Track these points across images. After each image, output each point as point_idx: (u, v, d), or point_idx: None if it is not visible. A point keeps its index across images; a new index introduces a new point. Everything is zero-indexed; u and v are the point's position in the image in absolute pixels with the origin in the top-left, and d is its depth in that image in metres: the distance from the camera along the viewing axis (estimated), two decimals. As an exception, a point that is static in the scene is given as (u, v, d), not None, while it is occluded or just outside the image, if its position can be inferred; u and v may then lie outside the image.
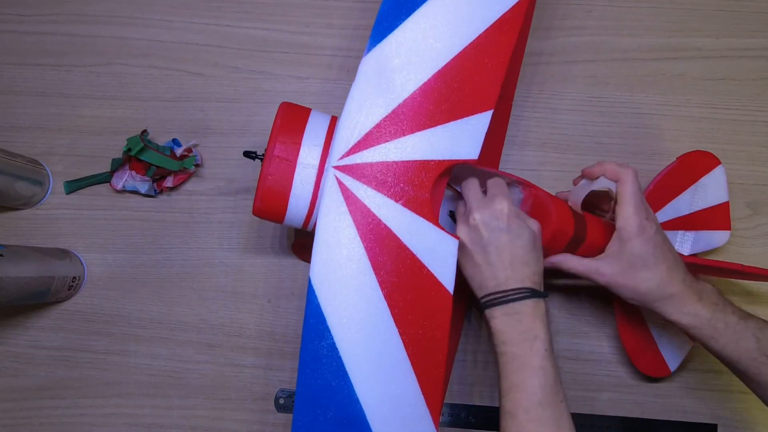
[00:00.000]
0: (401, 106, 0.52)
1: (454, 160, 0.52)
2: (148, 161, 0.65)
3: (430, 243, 0.51)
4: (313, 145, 0.52)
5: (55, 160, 0.69)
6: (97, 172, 0.69)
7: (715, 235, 0.63)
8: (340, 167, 0.51)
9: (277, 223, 0.55)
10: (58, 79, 0.71)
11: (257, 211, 0.54)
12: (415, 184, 0.51)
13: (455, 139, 0.52)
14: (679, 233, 0.62)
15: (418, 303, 0.51)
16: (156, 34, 0.71)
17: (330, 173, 0.51)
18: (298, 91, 0.70)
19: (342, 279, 0.50)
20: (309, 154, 0.52)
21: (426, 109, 0.52)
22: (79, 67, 0.71)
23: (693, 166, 0.63)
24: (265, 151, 0.52)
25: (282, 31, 0.71)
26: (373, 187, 0.51)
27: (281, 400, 0.65)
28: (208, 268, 0.68)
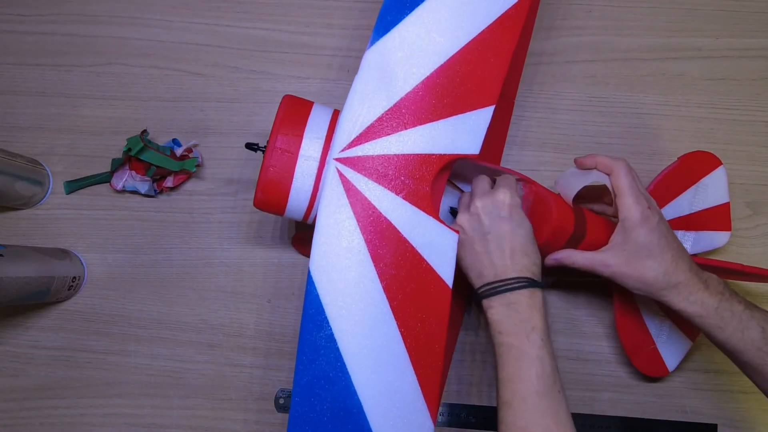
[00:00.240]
0: (403, 99, 0.52)
1: (456, 154, 0.52)
2: (148, 161, 0.65)
3: (430, 236, 0.51)
4: (315, 138, 0.52)
5: (55, 160, 0.69)
6: (97, 172, 0.69)
7: (715, 236, 0.63)
8: (341, 159, 0.51)
9: (277, 215, 0.55)
10: (58, 79, 0.71)
11: (258, 203, 0.54)
12: (416, 178, 0.52)
13: (457, 133, 0.53)
14: (680, 233, 0.62)
15: (416, 296, 0.51)
16: (156, 34, 0.71)
17: (331, 165, 0.51)
18: (298, 91, 0.69)
19: (341, 270, 0.50)
20: (311, 147, 0.52)
21: (428, 103, 0.52)
22: (79, 67, 0.71)
23: (694, 167, 0.63)
24: (267, 142, 0.52)
25: (282, 31, 0.71)
26: (374, 180, 0.51)
27: (281, 400, 0.65)
28: (208, 268, 0.68)
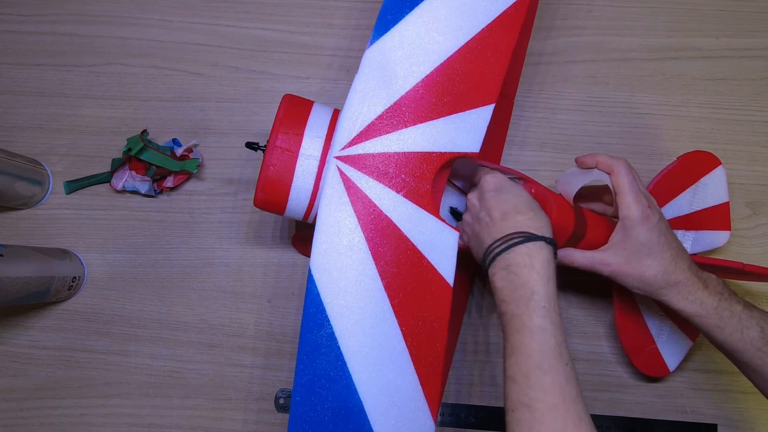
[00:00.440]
0: (404, 98, 0.52)
1: (456, 152, 0.52)
2: (148, 161, 0.65)
3: (431, 234, 0.51)
4: (315, 137, 0.52)
5: (55, 160, 0.69)
6: (97, 172, 0.69)
7: (715, 236, 0.63)
8: (342, 158, 0.51)
9: (278, 214, 0.55)
10: (58, 79, 0.71)
11: (258, 202, 0.54)
12: (416, 176, 0.52)
13: (457, 131, 0.53)
14: (680, 233, 0.62)
15: (417, 294, 0.51)
16: (156, 34, 0.71)
17: (332, 163, 0.51)
18: (298, 91, 0.69)
19: (342, 268, 0.50)
20: (311, 145, 0.52)
21: (428, 101, 0.52)
22: (79, 67, 0.71)
23: (694, 166, 0.63)
24: (268, 141, 0.52)
25: (282, 31, 0.71)
26: (375, 178, 0.51)
27: (281, 400, 0.65)
28: (208, 268, 0.68)
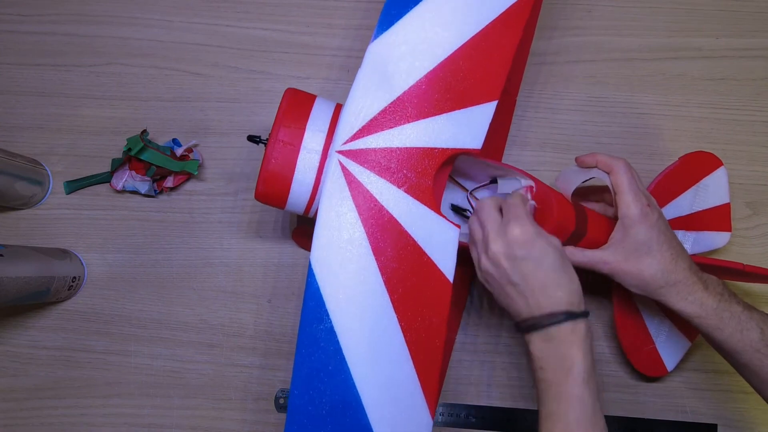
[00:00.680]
0: (406, 93, 0.52)
1: (458, 148, 0.52)
2: (148, 161, 0.65)
3: (431, 230, 0.51)
4: (317, 131, 0.52)
5: (55, 160, 0.69)
6: (97, 172, 0.69)
7: (715, 236, 0.63)
8: (343, 152, 0.51)
9: (278, 208, 0.55)
10: (58, 79, 0.71)
11: (259, 196, 0.54)
12: (418, 171, 0.51)
13: (459, 127, 0.52)
14: (680, 234, 0.62)
15: (417, 289, 0.51)
16: (156, 34, 0.71)
17: (333, 157, 0.51)
18: (299, 91, 0.70)
19: (342, 263, 0.50)
20: (313, 140, 0.52)
21: (431, 97, 0.52)
22: (79, 67, 0.71)
23: (695, 167, 0.63)
24: (269, 135, 0.52)
25: (282, 31, 0.71)
26: (376, 173, 0.51)
27: (281, 400, 0.65)
28: (208, 268, 0.68)
